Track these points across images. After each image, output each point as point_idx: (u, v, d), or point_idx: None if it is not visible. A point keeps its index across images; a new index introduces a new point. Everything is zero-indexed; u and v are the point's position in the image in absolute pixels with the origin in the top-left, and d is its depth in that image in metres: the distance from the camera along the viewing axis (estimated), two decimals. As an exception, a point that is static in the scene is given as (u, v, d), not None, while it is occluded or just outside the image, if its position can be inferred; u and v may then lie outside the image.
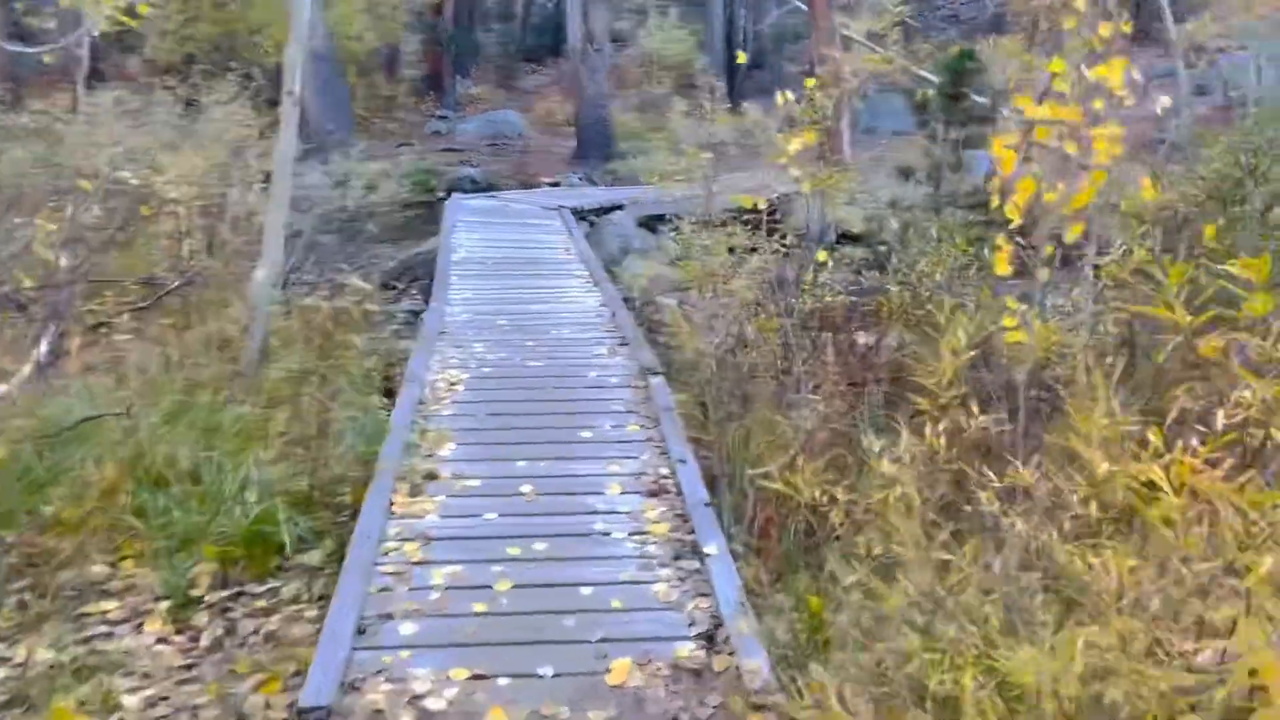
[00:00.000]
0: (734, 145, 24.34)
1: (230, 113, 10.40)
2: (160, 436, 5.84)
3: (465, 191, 20.87)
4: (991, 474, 3.27)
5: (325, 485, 5.64)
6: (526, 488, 5.16)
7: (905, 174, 7.05)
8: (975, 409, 3.88)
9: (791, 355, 5.45)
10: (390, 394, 7.34)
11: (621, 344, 7.56)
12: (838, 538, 3.92)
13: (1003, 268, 3.63)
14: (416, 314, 11.25)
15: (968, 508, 3.52)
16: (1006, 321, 3.83)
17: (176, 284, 7.93)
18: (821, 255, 5.49)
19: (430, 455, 5.57)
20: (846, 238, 12.89)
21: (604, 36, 20.97)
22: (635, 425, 5.98)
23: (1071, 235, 3.63)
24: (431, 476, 5.31)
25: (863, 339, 5.84)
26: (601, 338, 7.80)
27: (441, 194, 21.04)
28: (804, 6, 21.80)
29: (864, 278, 6.51)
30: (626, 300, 9.22)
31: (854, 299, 6.21)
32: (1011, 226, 3.58)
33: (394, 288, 12.18)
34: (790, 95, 6.63)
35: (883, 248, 10.26)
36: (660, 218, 15.92)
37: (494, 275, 10.07)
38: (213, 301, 8.19)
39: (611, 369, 6.99)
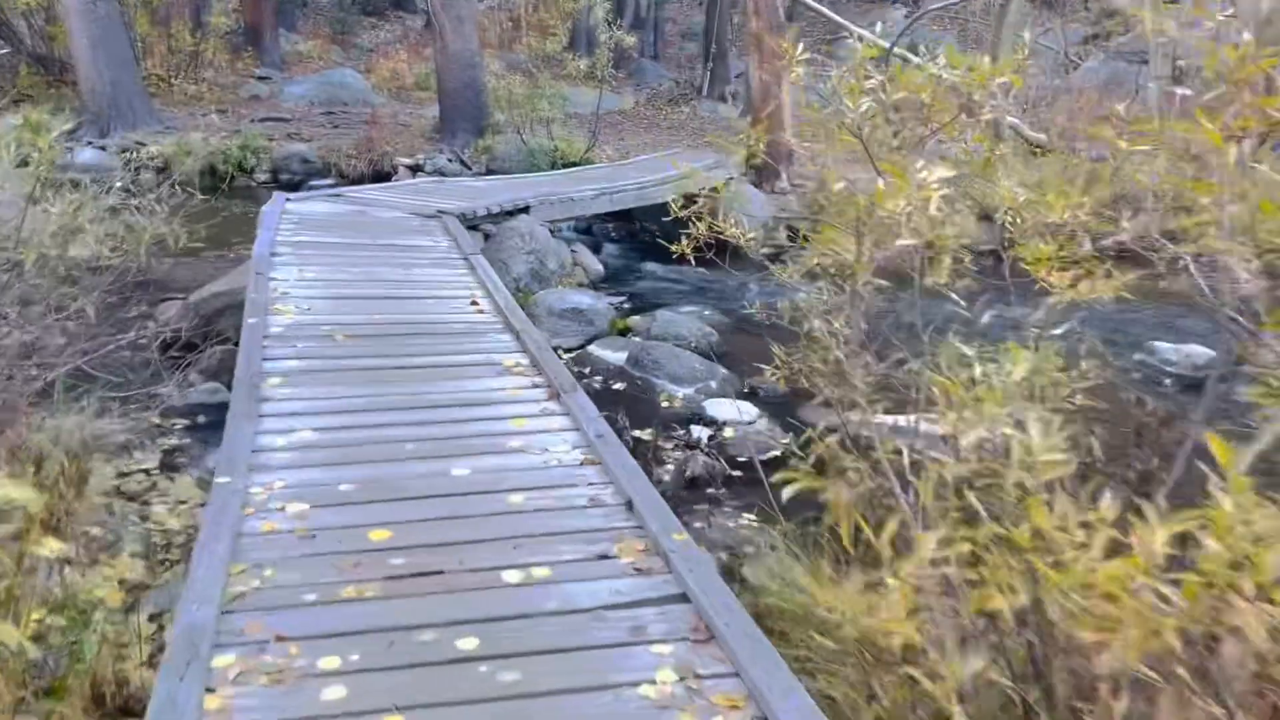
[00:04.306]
0: (619, 113, 19.71)
1: None
2: None
3: (295, 174, 15.57)
4: None
5: None
6: None
7: None
8: None
9: None
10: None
11: (703, 639, 2.91)
12: None
13: None
14: (212, 410, 6.39)
15: None
16: None
17: None
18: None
19: None
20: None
21: (472, -24, 15.88)
22: None
23: None
24: None
25: None
26: (631, 589, 3.12)
27: (263, 177, 15.72)
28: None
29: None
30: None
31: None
32: None
33: (177, 356, 7.11)
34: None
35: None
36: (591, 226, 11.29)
37: (349, 369, 5.21)
38: None
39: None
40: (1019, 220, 3.74)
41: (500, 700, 2.62)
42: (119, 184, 8.11)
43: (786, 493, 2.58)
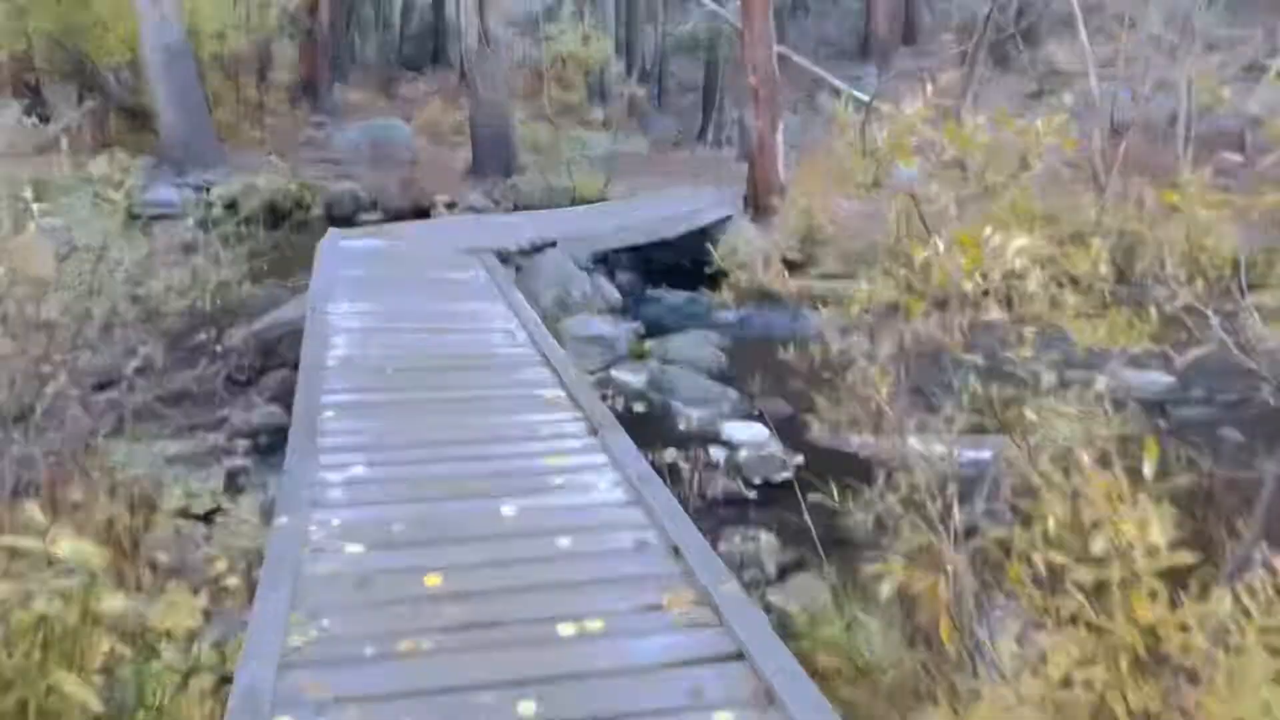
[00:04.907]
0: (628, 155, 19.28)
1: None
2: None
3: (346, 210, 15.09)
4: None
5: None
6: None
7: None
8: None
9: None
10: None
11: (764, 705, 2.45)
12: None
13: None
14: (272, 432, 5.96)
15: None
16: None
17: None
18: None
19: None
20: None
21: (501, 36, 15.43)
22: None
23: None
24: None
25: None
26: (685, 645, 2.68)
27: (318, 212, 15.24)
28: (719, 9, 16.72)
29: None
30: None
31: None
32: None
33: (237, 383, 6.67)
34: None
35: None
36: (608, 257, 10.84)
37: (399, 402, 4.75)
38: None
39: None
40: (1040, 270, 3.31)
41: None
42: (191, 220, 7.64)
43: (885, 589, 2.14)
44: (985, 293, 2.12)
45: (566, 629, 2.78)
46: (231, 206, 13.05)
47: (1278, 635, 1.77)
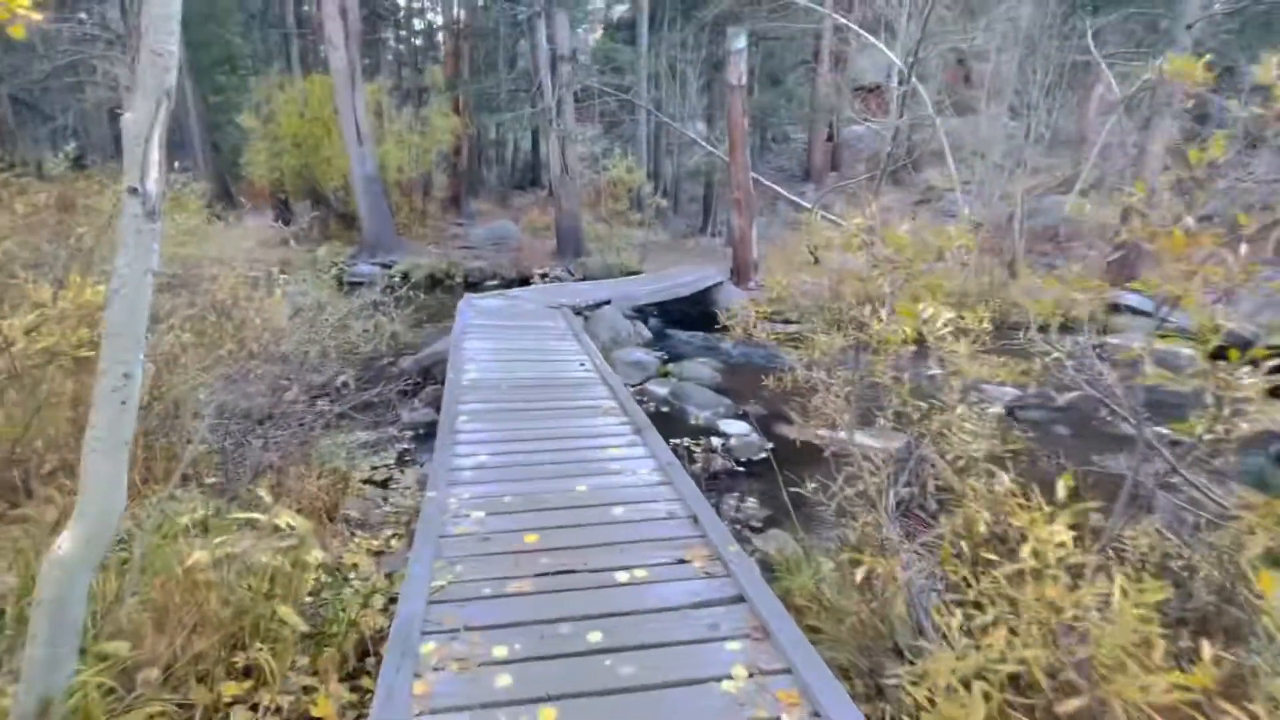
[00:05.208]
0: (654, 243, 19.05)
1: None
2: None
3: (475, 279, 15.02)
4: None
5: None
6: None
7: None
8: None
9: None
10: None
11: (760, 638, 2.23)
12: None
13: None
14: (428, 426, 5.76)
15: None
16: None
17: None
18: None
19: None
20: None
21: (575, 167, 15.37)
22: None
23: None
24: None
25: None
26: (704, 591, 2.45)
27: (459, 280, 15.21)
28: (714, 150, 16.59)
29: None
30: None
31: None
32: None
33: (406, 393, 6.53)
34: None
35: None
36: (642, 309, 10.64)
37: (509, 409, 4.58)
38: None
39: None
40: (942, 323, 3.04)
41: (623, 693, 1.97)
42: (379, 287, 7.55)
43: (859, 573, 1.91)
44: (918, 343, 1.91)
45: (622, 576, 2.57)
46: (405, 277, 13.05)
47: (1144, 609, 1.52)
